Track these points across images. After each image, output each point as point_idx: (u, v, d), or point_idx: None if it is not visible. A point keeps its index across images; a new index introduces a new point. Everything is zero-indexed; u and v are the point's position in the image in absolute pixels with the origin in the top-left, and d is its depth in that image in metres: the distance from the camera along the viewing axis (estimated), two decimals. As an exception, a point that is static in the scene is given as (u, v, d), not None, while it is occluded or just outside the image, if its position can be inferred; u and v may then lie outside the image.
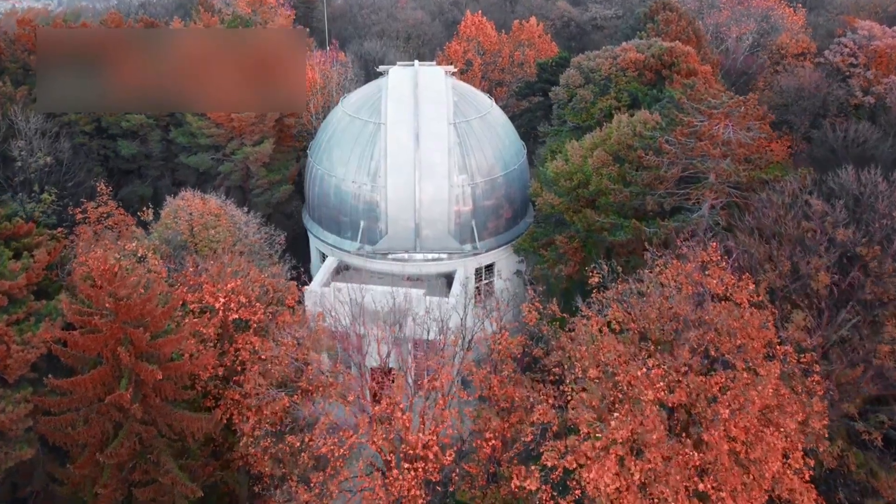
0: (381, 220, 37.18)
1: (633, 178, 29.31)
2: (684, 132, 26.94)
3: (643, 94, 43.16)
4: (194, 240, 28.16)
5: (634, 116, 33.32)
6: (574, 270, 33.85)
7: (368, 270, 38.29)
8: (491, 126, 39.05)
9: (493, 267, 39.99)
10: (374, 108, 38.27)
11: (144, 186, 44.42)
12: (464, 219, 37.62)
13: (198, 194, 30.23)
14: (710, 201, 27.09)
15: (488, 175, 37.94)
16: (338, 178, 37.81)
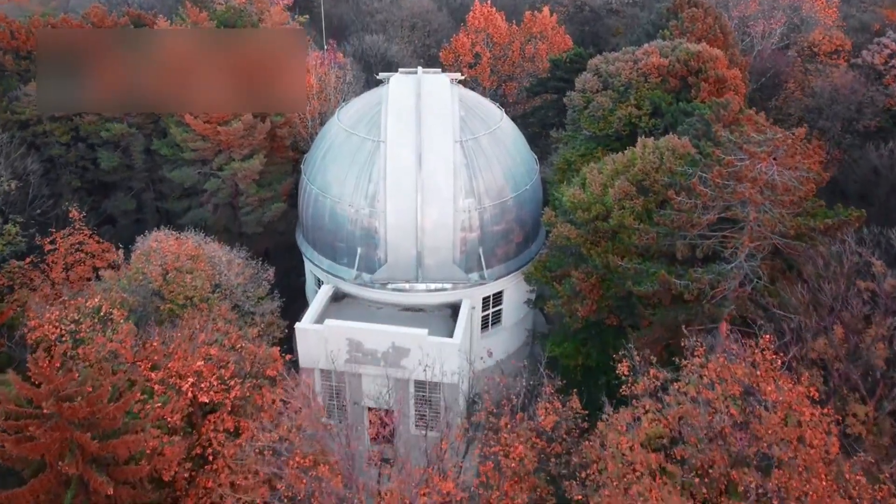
0: (380, 247, 34.06)
1: (660, 218, 25.99)
2: (722, 173, 23.56)
3: (667, 104, 39.64)
4: (168, 286, 25.17)
5: (661, 141, 29.90)
6: (591, 310, 30.75)
7: (367, 299, 35.30)
8: (500, 142, 35.67)
9: (501, 294, 36.92)
10: (372, 123, 34.91)
11: (127, 199, 41.37)
12: (470, 246, 34.47)
13: (172, 234, 27.13)
14: (750, 249, 23.80)
15: (497, 198, 34.67)
16: (333, 200, 34.62)
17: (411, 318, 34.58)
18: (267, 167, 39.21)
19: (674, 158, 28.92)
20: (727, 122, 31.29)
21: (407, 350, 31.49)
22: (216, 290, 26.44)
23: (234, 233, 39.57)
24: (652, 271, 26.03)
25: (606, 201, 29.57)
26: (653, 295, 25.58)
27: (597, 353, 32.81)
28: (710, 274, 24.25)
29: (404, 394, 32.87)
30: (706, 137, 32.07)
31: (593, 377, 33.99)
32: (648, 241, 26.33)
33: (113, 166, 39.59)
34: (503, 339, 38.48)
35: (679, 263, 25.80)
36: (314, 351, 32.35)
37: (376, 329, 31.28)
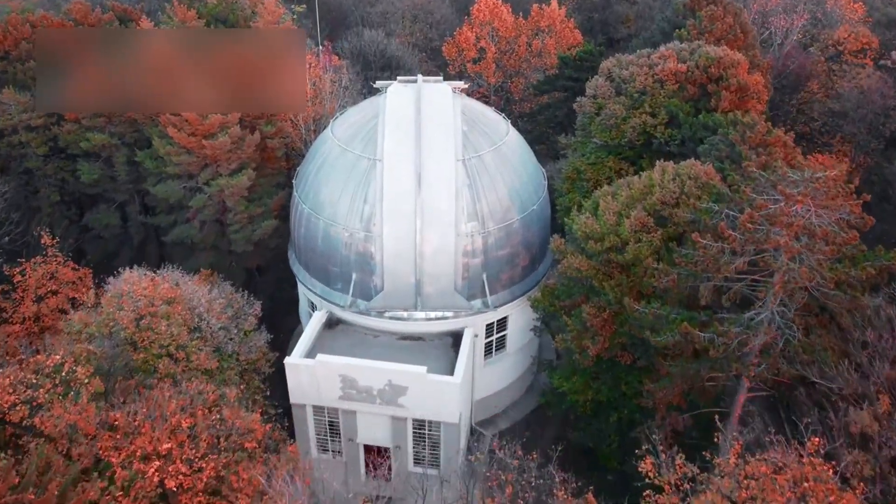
0: (377, 273, 31.74)
1: (681, 260, 23.58)
2: (754, 216, 21.08)
3: (684, 114, 36.99)
4: (141, 334, 22.94)
5: (682, 167, 27.36)
6: (603, 348, 28.47)
7: (363, 327, 33.08)
8: (506, 159, 33.15)
9: (506, 320, 34.65)
10: (368, 139, 32.40)
11: (110, 213, 39.06)
12: (473, 272, 32.12)
13: (147, 274, 24.81)
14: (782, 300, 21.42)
15: (503, 220, 32.24)
16: (326, 222, 32.24)
17: (410, 348, 32.41)
18: (257, 180, 36.82)
19: (696, 188, 26.42)
20: (753, 143, 28.77)
21: (404, 388, 29.36)
22: (195, 335, 24.22)
23: (222, 250, 37.32)
24: (672, 317, 23.68)
25: (621, 232, 27.14)
26: (673, 346, 23.25)
27: (608, 389, 30.62)
28: (737, 326, 21.89)
29: (402, 431, 30.80)
30: (730, 160, 29.58)
31: (604, 413, 31.85)
32: (668, 283, 23.92)
33: (94, 179, 37.21)
34: (507, 366, 36.33)
35: (702, 309, 23.41)
36: (305, 387, 30.24)
37: (371, 366, 29.10)
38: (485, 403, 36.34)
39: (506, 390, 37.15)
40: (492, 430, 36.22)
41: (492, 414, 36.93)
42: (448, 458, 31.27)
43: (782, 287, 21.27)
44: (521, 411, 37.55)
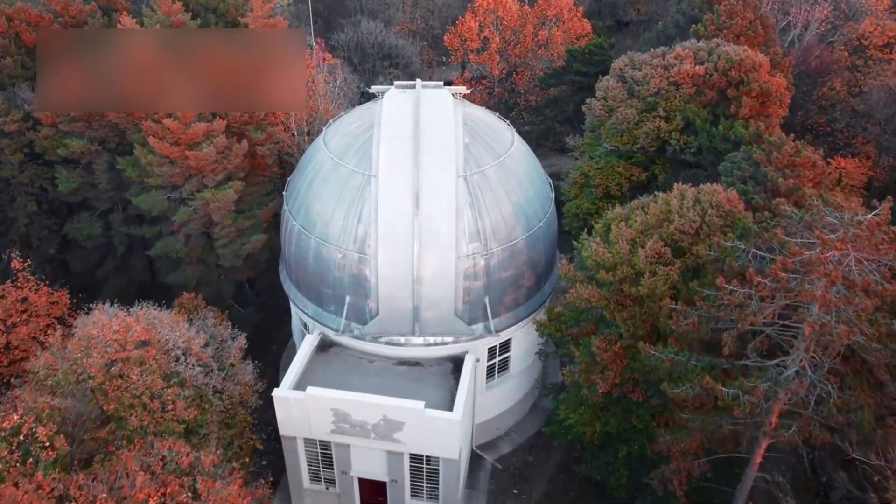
0: (372, 297, 29.73)
1: (703, 303, 21.49)
2: (787, 264, 18.94)
3: (702, 120, 34.66)
4: (112, 382, 21.01)
5: (703, 193, 25.13)
6: (613, 385, 26.53)
7: (357, 350, 31.17)
8: (511, 173, 30.89)
9: (509, 342, 32.72)
10: (363, 152, 30.15)
11: (92, 222, 36.94)
12: (474, 295, 30.09)
13: (119, 313, 22.76)
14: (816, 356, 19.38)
15: (507, 240, 30.11)
16: (318, 240, 30.15)
17: (407, 375, 30.53)
18: (246, 189, 34.66)
19: (718, 217, 24.23)
20: (780, 164, 26.50)
21: (401, 423, 27.51)
22: (172, 381, 22.29)
23: (210, 264, 35.28)
24: (691, 366, 21.66)
25: (635, 263, 25.02)
26: (693, 399, 21.28)
27: (617, 422, 28.72)
28: (765, 380, 19.88)
29: (398, 465, 29.05)
30: (754, 181, 27.36)
31: (613, 446, 30.01)
32: (688, 326, 21.86)
33: (73, 188, 35.05)
34: (510, 388, 34.48)
35: (725, 357, 21.38)
36: (295, 420, 28.43)
37: (365, 401, 27.21)
38: (486, 426, 34.57)
39: (508, 412, 35.35)
40: (493, 455, 34.52)
41: (493, 437, 35.18)
42: (447, 492, 29.56)
43: (818, 344, 19.20)
44: (525, 433, 35.78)
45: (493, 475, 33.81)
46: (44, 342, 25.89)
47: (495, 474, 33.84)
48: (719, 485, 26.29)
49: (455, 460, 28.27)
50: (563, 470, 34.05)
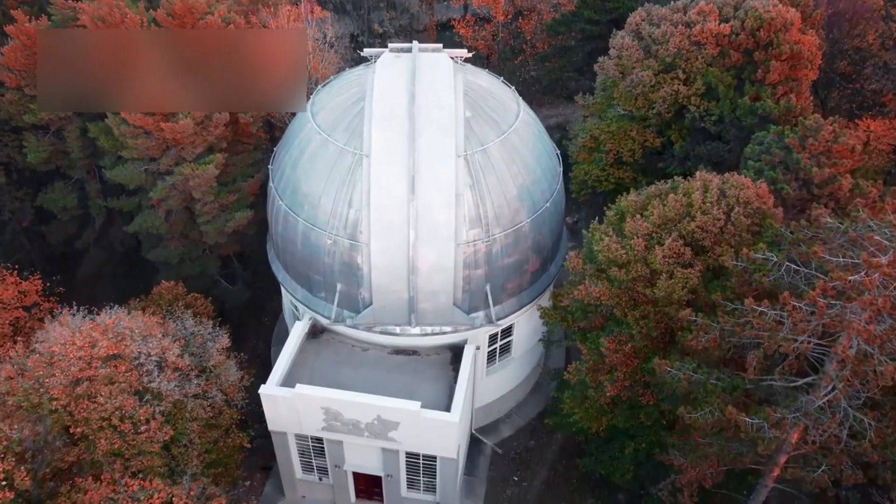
0: (364, 286, 27.70)
1: (727, 321, 19.42)
2: (827, 289, 16.76)
3: (725, 86, 31.71)
4: (78, 404, 19.20)
5: (729, 185, 22.64)
6: (622, 388, 24.82)
7: (350, 338, 29.40)
8: (516, 150, 28.26)
9: (512, 327, 30.89)
10: (353, 128, 27.46)
11: (67, 193, 34.50)
12: (475, 284, 28.03)
13: (85, 324, 20.66)
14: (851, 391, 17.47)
15: (510, 224, 27.80)
16: (305, 224, 27.87)
17: (403, 365, 28.88)
18: (230, 159, 32.10)
19: (745, 216, 21.85)
20: (815, 151, 23.88)
21: (395, 423, 25.98)
22: (145, 398, 20.50)
23: (193, 239, 33.07)
24: (711, 385, 19.80)
25: (651, 262, 22.83)
26: (712, 424, 19.49)
27: (625, 418, 27.19)
28: (793, 412, 18.03)
29: (394, 462, 27.75)
30: (784, 167, 24.81)
31: (619, 440, 28.61)
32: (708, 343, 19.89)
33: (43, 157, 32.47)
34: (512, 370, 32.89)
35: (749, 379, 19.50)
36: (284, 417, 26.94)
37: (357, 401, 25.58)
38: (486, 409, 33.20)
39: (510, 394, 33.92)
40: (493, 438, 33.29)
41: (494, 419, 33.87)
42: (445, 487, 28.37)
43: (854, 372, 17.24)
44: (527, 415, 34.45)
45: (493, 461, 32.64)
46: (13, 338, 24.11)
47: (495, 460, 32.68)
48: (731, 491, 24.96)
49: (453, 459, 26.92)
50: (566, 455, 32.86)
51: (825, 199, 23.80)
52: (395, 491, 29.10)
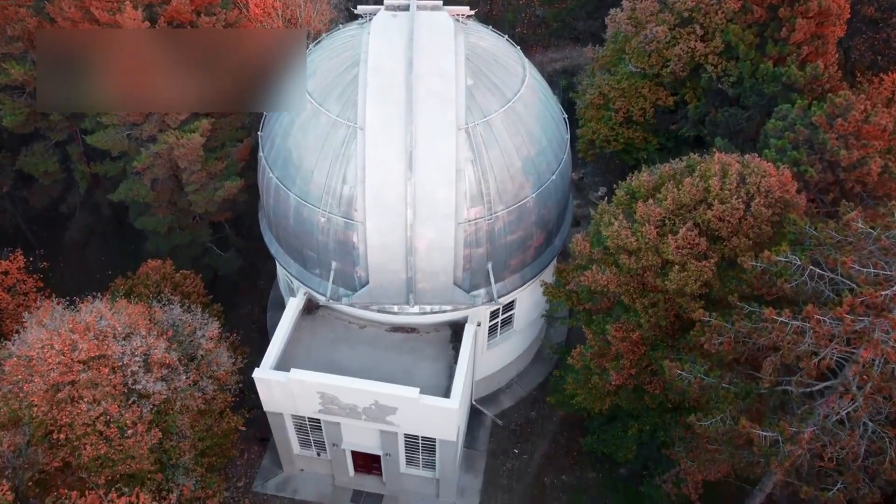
0: (360, 265, 26.47)
1: (743, 326, 18.28)
2: (854, 305, 15.53)
3: (746, 46, 29.58)
4: (60, 411, 18.31)
5: (749, 171, 21.03)
6: (627, 377, 23.95)
7: (347, 315, 28.43)
8: (521, 120, 26.46)
9: (514, 302, 29.85)
10: (347, 97, 25.61)
11: (47, 157, 32.82)
12: (476, 263, 26.79)
13: (65, 323, 19.45)
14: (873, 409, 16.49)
15: (514, 200, 26.32)
16: (297, 199, 26.41)
17: (401, 344, 28.00)
18: (217, 123, 30.31)
19: (766, 206, 20.36)
20: (844, 131, 22.14)
21: (394, 409, 25.28)
22: (132, 398, 19.60)
23: (182, 207, 31.65)
24: (723, 391, 18.85)
25: (663, 251, 21.50)
26: (724, 433, 18.63)
27: (629, 400, 26.48)
28: (810, 424, 17.13)
29: (392, 442, 27.25)
30: (809, 147, 23.12)
31: (622, 420, 28.03)
32: (722, 346, 18.82)
33: (20, 120, 30.66)
34: (514, 342, 32.07)
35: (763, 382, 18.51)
36: (280, 400, 26.25)
37: (354, 386, 24.78)
38: (487, 381, 32.58)
39: (511, 364, 33.23)
40: (494, 409, 32.80)
41: (494, 390, 33.30)
42: (444, 464, 27.98)
43: (879, 389, 16.23)
44: (528, 385, 33.86)
45: (494, 433, 32.23)
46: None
47: (496, 431, 32.26)
48: (737, 480, 24.44)
49: (453, 442, 26.37)
50: (567, 427, 32.42)
51: (852, 182, 22.28)
52: (393, 468, 28.74)
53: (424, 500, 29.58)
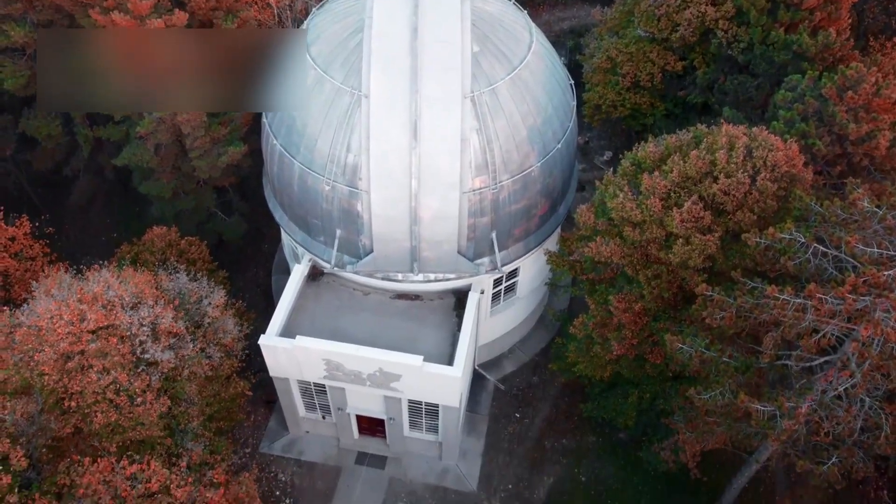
0: (365, 233, 26.54)
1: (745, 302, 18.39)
2: (857, 285, 15.60)
3: (758, 11, 29.01)
4: (71, 379, 18.63)
5: (757, 144, 20.85)
6: (629, 347, 24.19)
7: (351, 281, 28.64)
8: (527, 88, 26.17)
9: (518, 270, 30.00)
10: (351, 64, 25.31)
11: (50, 119, 32.64)
12: (480, 232, 26.84)
13: (73, 293, 19.57)
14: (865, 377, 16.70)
15: (519, 169, 26.23)
16: (302, 166, 26.34)
17: (405, 311, 28.27)
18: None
19: (772, 181, 20.27)
20: (854, 104, 21.88)
21: (398, 375, 25.67)
22: (140, 366, 19.92)
23: (186, 172, 31.61)
24: (723, 365, 19.10)
25: (668, 224, 21.51)
26: (722, 407, 18.92)
27: (630, 369, 26.83)
28: (807, 400, 17.39)
29: (396, 407, 27.74)
30: (817, 119, 22.89)
31: (621, 387, 28.45)
32: (724, 321, 18.99)
33: (21, 84, 30.41)
34: (517, 308, 32.32)
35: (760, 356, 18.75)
36: (285, 365, 26.68)
37: (359, 354, 25.12)
38: (490, 346, 32.96)
39: (514, 330, 33.56)
40: (496, 374, 33.27)
41: (497, 355, 33.72)
42: (446, 429, 28.53)
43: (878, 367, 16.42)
44: (530, 350, 34.27)
45: (496, 397, 32.76)
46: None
47: (498, 396, 32.78)
48: (734, 448, 24.90)
49: (456, 408, 26.84)
50: (568, 392, 32.90)
51: (860, 156, 22.12)
52: (397, 431, 29.31)
53: (427, 461, 30.24)
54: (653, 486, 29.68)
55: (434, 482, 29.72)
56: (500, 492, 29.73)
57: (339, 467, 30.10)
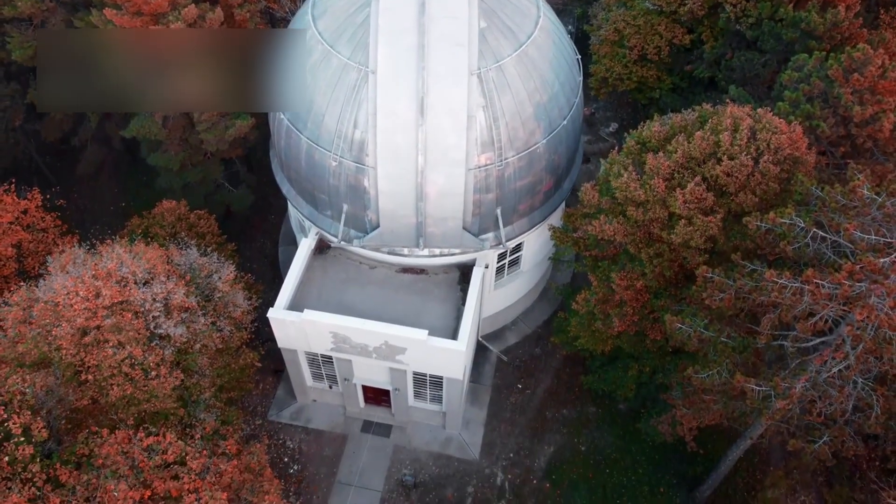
0: (371, 209, 26.88)
1: (744, 283, 18.79)
2: (855, 273, 15.94)
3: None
4: (88, 354, 19.20)
5: (762, 126, 20.95)
6: (630, 323, 24.67)
7: (358, 255, 29.08)
8: (534, 64, 26.18)
9: (522, 244, 30.38)
10: (358, 39, 25.32)
11: (58, 90, 32.68)
12: (486, 208, 27.15)
13: (88, 269, 19.99)
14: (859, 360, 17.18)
15: (525, 146, 26.41)
16: (309, 142, 26.56)
17: (411, 284, 28.77)
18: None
19: (774, 163, 20.47)
20: (859, 86, 21.93)
21: (403, 349, 26.28)
22: (153, 341, 20.48)
23: (193, 144, 31.83)
24: (720, 344, 19.59)
25: (671, 205, 21.79)
26: (719, 385, 19.46)
27: (631, 343, 27.37)
28: (801, 381, 17.90)
29: (401, 378, 28.42)
30: (822, 101, 22.96)
31: (622, 360, 29.02)
32: (723, 302, 19.42)
33: (28, 54, 30.47)
34: (520, 282, 32.79)
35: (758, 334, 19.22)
36: (293, 337, 27.29)
37: (365, 328, 25.68)
38: (493, 318, 33.53)
39: (518, 302, 34.09)
40: (499, 345, 33.92)
41: (500, 327, 34.31)
42: (450, 400, 29.25)
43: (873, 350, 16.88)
44: (533, 322, 34.85)
45: (499, 368, 33.43)
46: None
47: (500, 367, 33.46)
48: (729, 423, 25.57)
49: (459, 380, 27.50)
50: (570, 364, 33.56)
51: (863, 138, 22.25)
52: (402, 401, 30.05)
53: (431, 430, 31.06)
54: (650, 456, 30.50)
55: (437, 450, 30.57)
56: (502, 460, 30.58)
57: (345, 435, 30.94)
